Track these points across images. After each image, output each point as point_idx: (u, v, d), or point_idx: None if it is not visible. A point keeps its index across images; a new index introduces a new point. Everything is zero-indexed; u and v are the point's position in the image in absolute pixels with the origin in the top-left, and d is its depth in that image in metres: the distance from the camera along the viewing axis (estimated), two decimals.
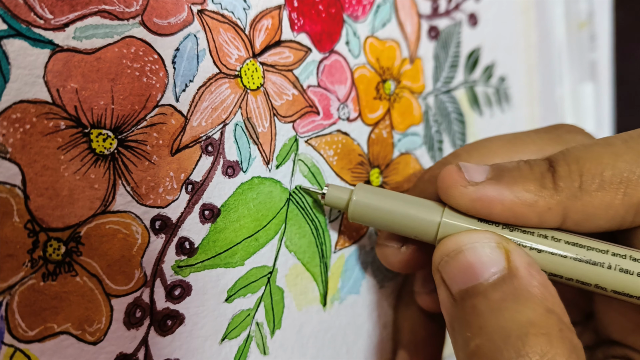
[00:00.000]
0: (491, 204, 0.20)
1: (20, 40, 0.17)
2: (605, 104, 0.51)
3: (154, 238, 0.20)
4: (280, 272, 0.24)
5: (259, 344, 0.23)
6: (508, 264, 0.19)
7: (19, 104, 0.17)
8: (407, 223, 0.22)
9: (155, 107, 0.20)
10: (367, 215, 0.23)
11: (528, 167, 0.21)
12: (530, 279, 0.19)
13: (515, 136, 0.24)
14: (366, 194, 0.23)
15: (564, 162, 0.20)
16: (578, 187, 0.20)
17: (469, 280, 0.19)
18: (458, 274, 0.20)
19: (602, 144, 0.20)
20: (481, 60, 0.35)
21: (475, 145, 0.24)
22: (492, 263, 0.19)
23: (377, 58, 0.29)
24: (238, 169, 0.23)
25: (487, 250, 0.20)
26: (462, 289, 0.19)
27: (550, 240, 0.20)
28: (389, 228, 0.23)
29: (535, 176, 0.20)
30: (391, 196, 0.23)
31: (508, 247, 0.20)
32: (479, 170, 0.21)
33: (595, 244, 0.20)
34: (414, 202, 0.22)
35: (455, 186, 0.21)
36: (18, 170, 0.17)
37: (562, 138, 0.23)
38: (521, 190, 0.20)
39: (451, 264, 0.20)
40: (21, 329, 0.17)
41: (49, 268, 0.18)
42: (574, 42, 0.46)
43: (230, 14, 0.23)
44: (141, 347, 0.20)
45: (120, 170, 0.19)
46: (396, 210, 0.22)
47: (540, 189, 0.20)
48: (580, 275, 0.20)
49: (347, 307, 0.27)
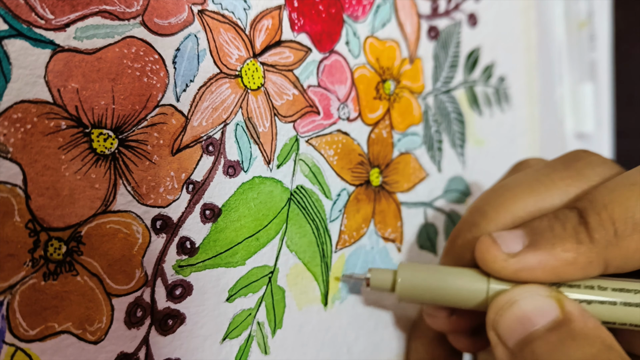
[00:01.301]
0: (534, 272, 0.20)
1: (21, 41, 0.17)
2: (604, 103, 0.51)
3: (155, 238, 0.20)
4: (281, 272, 0.24)
5: (260, 344, 0.23)
6: (562, 310, 0.19)
7: (20, 104, 0.17)
8: (455, 296, 0.22)
9: (156, 107, 0.20)
10: (415, 294, 0.23)
11: (560, 225, 0.21)
12: (586, 322, 0.19)
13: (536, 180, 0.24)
14: (411, 273, 0.23)
15: (594, 212, 0.20)
16: (613, 235, 0.20)
17: (525, 329, 0.20)
18: (513, 325, 0.20)
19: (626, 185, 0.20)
20: (481, 60, 0.35)
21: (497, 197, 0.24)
22: (547, 310, 0.20)
23: (377, 58, 0.29)
24: (239, 169, 0.23)
25: (540, 299, 0.20)
26: (519, 340, 0.20)
27: (597, 289, 0.21)
28: (438, 302, 0.23)
29: (570, 233, 0.20)
30: (435, 272, 0.23)
31: (559, 295, 0.20)
32: (514, 239, 0.21)
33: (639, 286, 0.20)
34: (458, 274, 0.23)
35: (496, 261, 0.21)
36: (19, 170, 0.17)
37: (582, 174, 0.23)
38: (560, 252, 0.20)
39: (505, 317, 0.20)
40: (22, 328, 0.17)
41: (49, 267, 0.18)
42: (573, 42, 0.46)
43: (231, 14, 0.23)
44: (142, 347, 0.20)
45: (121, 170, 0.19)
46: (443, 286, 0.23)
47: (578, 246, 0.20)
48: (633, 319, 0.20)
49: (348, 306, 0.27)
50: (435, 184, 0.32)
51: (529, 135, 0.40)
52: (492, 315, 0.21)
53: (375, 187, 0.28)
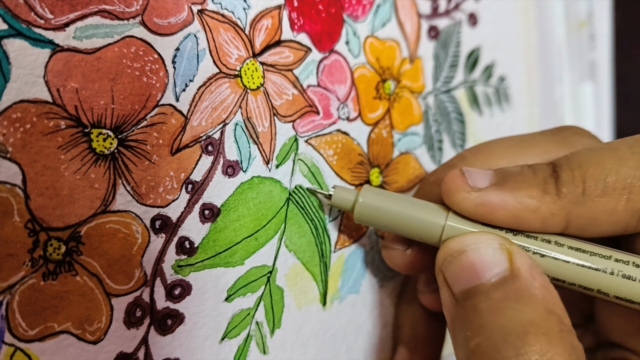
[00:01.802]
0: (494, 210, 0.20)
1: (21, 40, 0.17)
2: (604, 103, 0.51)
3: (154, 237, 0.20)
4: (280, 272, 0.24)
5: (258, 344, 0.23)
6: (510, 265, 0.19)
7: (19, 104, 0.17)
8: (412, 225, 0.22)
9: (156, 106, 0.20)
10: (372, 216, 0.23)
11: (531, 172, 0.21)
12: (532, 281, 0.19)
13: (521, 138, 0.24)
14: (372, 196, 0.23)
15: (567, 168, 0.20)
16: (581, 193, 0.20)
17: (471, 280, 0.19)
18: (460, 274, 0.20)
19: (606, 149, 0.20)
20: (481, 60, 0.35)
21: (480, 147, 0.24)
22: (495, 264, 0.19)
23: (377, 58, 0.29)
24: (238, 169, 0.23)
25: (490, 251, 0.20)
26: (464, 289, 0.19)
27: (554, 245, 0.20)
28: (393, 230, 0.23)
29: (538, 182, 0.20)
30: (397, 198, 0.23)
31: (511, 249, 0.20)
32: (483, 176, 0.21)
33: (598, 249, 0.20)
34: (419, 204, 0.22)
35: (459, 191, 0.21)
36: (18, 170, 0.17)
37: (567, 140, 0.23)
38: (524, 196, 0.20)
39: (454, 264, 0.20)
40: (21, 329, 0.17)
41: (49, 267, 0.18)
42: (573, 41, 0.46)
43: (230, 13, 0.23)
44: (141, 347, 0.20)
45: (121, 170, 0.19)
46: (401, 213, 0.22)
47: (543, 194, 0.20)
48: (583, 280, 0.20)
49: (347, 306, 0.27)
50: None
51: None
52: (441, 258, 0.21)
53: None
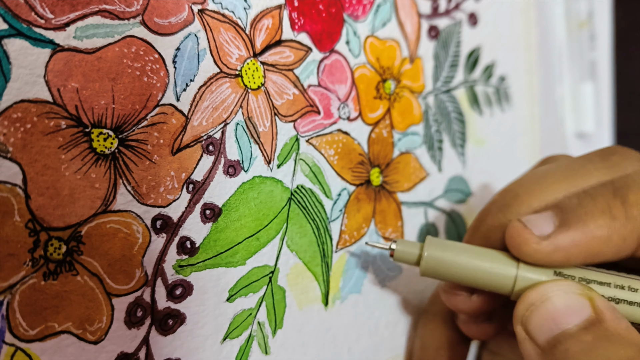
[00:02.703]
0: (568, 252, 0.20)
1: (21, 40, 0.17)
2: (605, 103, 0.51)
3: (155, 237, 0.20)
4: (282, 272, 0.24)
5: (260, 344, 0.23)
6: (594, 310, 0.19)
7: (19, 104, 0.17)
8: (482, 277, 0.22)
9: (156, 106, 0.20)
10: (439, 270, 0.23)
11: (590, 200, 0.20)
12: (618, 322, 0.19)
13: (569, 168, 0.23)
14: (438, 249, 0.23)
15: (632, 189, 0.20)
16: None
17: (557, 327, 0.19)
18: (545, 322, 0.19)
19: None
20: (481, 60, 0.35)
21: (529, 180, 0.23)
22: (579, 308, 0.19)
23: (377, 57, 0.29)
24: (239, 169, 0.23)
25: (572, 296, 0.20)
26: (550, 337, 0.19)
27: (627, 290, 0.20)
28: (461, 281, 0.23)
29: (601, 208, 0.20)
30: (463, 250, 0.23)
31: (590, 293, 0.20)
32: (545, 220, 0.21)
33: None
34: (487, 255, 0.22)
35: (528, 244, 0.21)
36: (19, 170, 0.17)
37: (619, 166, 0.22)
38: (592, 229, 0.20)
39: (537, 313, 0.20)
40: (22, 328, 0.17)
41: (49, 267, 0.18)
42: (574, 41, 0.46)
43: (231, 13, 0.23)
44: (142, 347, 0.20)
45: (121, 170, 0.19)
46: (470, 265, 0.22)
47: (611, 221, 0.20)
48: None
49: (348, 306, 0.27)
50: (436, 183, 0.32)
51: (529, 135, 0.40)
52: (522, 310, 0.20)
53: (375, 187, 0.28)
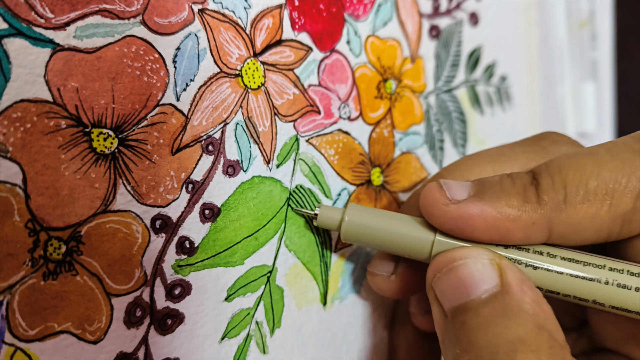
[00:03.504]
0: (474, 222, 0.20)
1: (21, 39, 0.17)
2: (606, 103, 0.51)
3: (155, 237, 0.20)
4: (280, 271, 0.24)
5: (258, 343, 0.23)
6: (501, 281, 0.19)
7: (19, 103, 0.17)
8: (400, 242, 0.22)
9: (156, 106, 0.20)
10: (360, 234, 0.22)
11: (510, 180, 0.20)
12: (523, 295, 0.18)
13: (498, 151, 0.23)
14: (358, 214, 0.22)
15: (547, 174, 0.20)
16: (562, 200, 0.19)
17: (460, 296, 0.19)
18: (450, 290, 0.19)
19: (585, 154, 0.20)
20: (482, 60, 0.35)
21: (458, 163, 0.24)
22: (485, 279, 0.19)
23: (378, 57, 0.29)
24: (238, 168, 0.23)
25: (480, 266, 0.19)
26: (454, 306, 0.19)
27: (546, 256, 0.20)
28: (382, 247, 0.22)
29: (518, 190, 0.20)
30: (383, 215, 0.22)
31: (501, 263, 0.19)
32: (461, 187, 0.20)
33: (591, 259, 0.20)
34: (406, 220, 0.22)
35: (437, 204, 0.20)
36: (19, 169, 0.17)
37: (546, 150, 0.23)
38: (504, 205, 0.19)
39: (443, 280, 0.20)
40: (22, 328, 0.17)
41: (49, 267, 0.18)
42: (575, 41, 0.46)
43: (231, 13, 0.22)
44: (141, 346, 0.20)
45: (121, 170, 0.19)
46: (389, 230, 0.22)
47: (524, 203, 0.19)
48: (578, 291, 0.20)
49: (347, 306, 0.27)
50: None
51: (530, 135, 0.40)
52: (431, 274, 0.20)
53: (376, 187, 0.28)
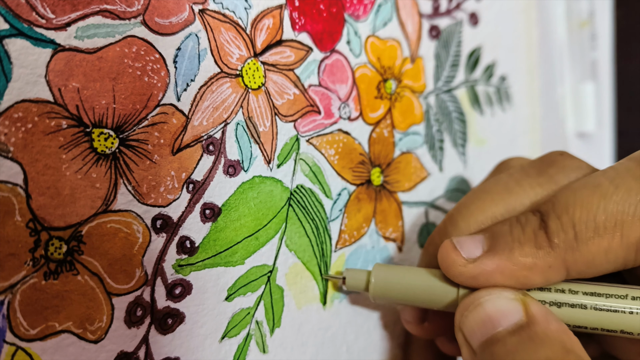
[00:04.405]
0: (492, 277, 0.20)
1: (22, 40, 0.17)
2: (606, 103, 0.51)
3: (155, 237, 0.20)
4: (280, 271, 0.24)
5: (258, 343, 0.23)
6: (526, 313, 0.19)
7: (20, 103, 0.17)
8: (426, 298, 0.23)
9: (157, 106, 0.20)
10: (387, 294, 0.23)
11: (519, 228, 0.20)
12: (548, 325, 0.19)
13: (506, 188, 0.23)
14: (384, 275, 0.24)
15: (554, 215, 0.20)
16: (573, 239, 0.19)
17: (487, 330, 0.19)
18: (477, 327, 0.20)
19: (589, 186, 0.20)
20: (482, 60, 0.35)
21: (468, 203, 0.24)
22: (510, 313, 0.19)
23: (378, 57, 0.29)
24: (239, 168, 0.23)
25: (504, 301, 0.20)
26: (482, 341, 0.19)
27: (568, 293, 0.20)
28: (410, 303, 0.23)
29: (528, 237, 0.20)
30: (407, 273, 0.23)
31: (524, 298, 0.20)
32: (474, 243, 0.21)
33: (613, 290, 0.20)
34: (429, 277, 0.23)
35: (454, 266, 0.21)
36: (20, 169, 0.17)
37: (554, 180, 0.22)
38: (517, 256, 0.20)
39: (470, 318, 0.20)
40: (23, 328, 0.17)
41: (50, 267, 0.18)
42: (575, 41, 0.46)
43: (232, 13, 0.23)
44: (142, 346, 0.20)
45: (122, 170, 0.19)
46: (414, 287, 0.23)
47: (536, 250, 0.20)
48: (604, 324, 0.20)
49: (347, 305, 0.27)
50: (437, 183, 0.32)
51: (530, 135, 0.40)
52: (459, 316, 0.21)
53: (376, 187, 0.28)
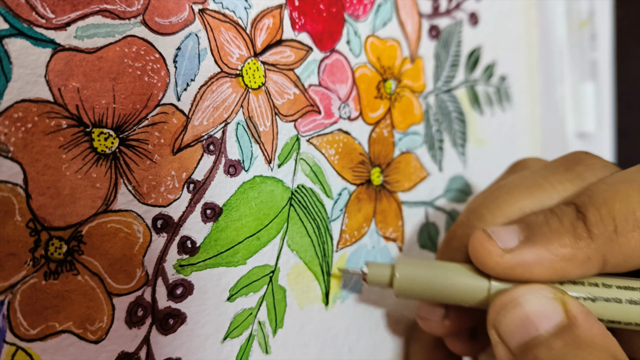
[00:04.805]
0: (531, 268, 0.20)
1: (22, 40, 0.17)
2: (606, 103, 0.51)
3: (156, 237, 0.20)
4: (282, 271, 0.24)
5: (260, 343, 0.23)
6: (566, 314, 0.19)
7: (20, 103, 0.17)
8: (455, 293, 0.22)
9: (157, 106, 0.20)
10: (413, 290, 0.22)
11: (556, 219, 0.20)
12: (591, 327, 0.18)
13: (534, 182, 0.23)
14: (408, 269, 0.23)
15: (593, 207, 0.20)
16: (613, 231, 0.19)
17: (527, 332, 0.19)
18: (516, 327, 0.19)
19: (625, 181, 0.20)
20: (482, 60, 0.35)
21: (493, 197, 0.23)
22: (551, 313, 0.19)
23: (378, 57, 0.29)
24: (240, 168, 0.23)
25: (544, 301, 0.19)
26: (521, 343, 0.19)
27: (602, 287, 0.20)
28: (436, 299, 0.22)
29: (567, 228, 0.20)
30: (434, 267, 0.22)
31: (563, 297, 0.19)
32: (510, 233, 0.21)
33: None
34: (458, 270, 0.22)
35: (491, 257, 0.20)
36: (20, 169, 0.17)
37: (582, 177, 0.22)
38: (557, 247, 0.20)
39: (508, 318, 0.20)
40: (23, 328, 0.17)
41: (50, 267, 0.18)
42: (574, 41, 0.46)
43: (232, 13, 0.23)
44: (143, 346, 0.20)
45: (122, 169, 0.19)
46: (442, 282, 0.22)
47: (576, 240, 0.19)
48: (639, 318, 0.20)
49: (349, 306, 0.27)
50: (436, 183, 0.32)
51: (530, 135, 0.40)
52: (494, 314, 0.20)
53: (376, 187, 0.28)
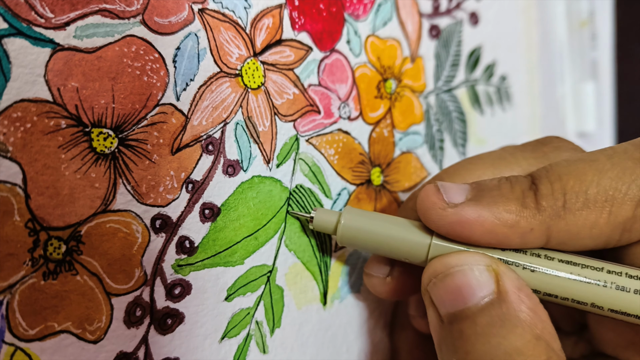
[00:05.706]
0: (471, 227, 0.19)
1: (21, 39, 0.17)
2: (606, 102, 0.51)
3: (154, 237, 0.20)
4: (280, 271, 0.24)
5: (258, 343, 0.23)
6: (497, 288, 0.19)
7: (19, 103, 0.17)
8: (396, 246, 0.21)
9: (156, 106, 0.20)
10: (356, 239, 0.22)
11: (509, 185, 0.20)
12: (520, 304, 0.18)
13: (499, 156, 0.23)
14: (354, 217, 0.22)
15: (547, 180, 0.19)
16: (562, 207, 0.19)
17: (457, 303, 0.19)
18: (446, 296, 0.19)
19: (585, 160, 0.20)
20: (482, 59, 0.35)
21: (458, 166, 0.23)
22: (481, 286, 0.19)
23: (378, 57, 0.29)
24: (238, 168, 0.23)
25: (476, 273, 0.19)
26: (450, 312, 0.19)
27: (544, 259, 0.20)
28: (378, 251, 0.22)
29: (516, 195, 0.19)
30: (380, 219, 0.22)
31: (498, 269, 0.19)
32: (459, 190, 0.20)
33: (589, 261, 0.20)
34: (403, 224, 0.22)
35: (434, 208, 0.20)
36: (19, 169, 0.17)
37: (547, 157, 0.22)
38: (502, 211, 0.19)
39: (439, 286, 0.19)
40: (22, 328, 0.17)
41: (49, 267, 0.18)
42: (575, 41, 0.46)
43: (231, 12, 0.22)
44: (141, 346, 0.20)
45: (121, 169, 0.19)
46: (385, 233, 0.22)
47: (522, 209, 0.19)
48: (576, 294, 0.19)
49: (347, 306, 0.27)
50: None
51: (530, 135, 0.40)
52: (427, 279, 0.20)
53: (376, 187, 0.28)
